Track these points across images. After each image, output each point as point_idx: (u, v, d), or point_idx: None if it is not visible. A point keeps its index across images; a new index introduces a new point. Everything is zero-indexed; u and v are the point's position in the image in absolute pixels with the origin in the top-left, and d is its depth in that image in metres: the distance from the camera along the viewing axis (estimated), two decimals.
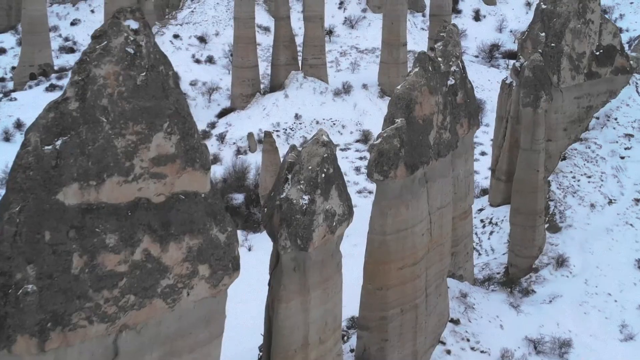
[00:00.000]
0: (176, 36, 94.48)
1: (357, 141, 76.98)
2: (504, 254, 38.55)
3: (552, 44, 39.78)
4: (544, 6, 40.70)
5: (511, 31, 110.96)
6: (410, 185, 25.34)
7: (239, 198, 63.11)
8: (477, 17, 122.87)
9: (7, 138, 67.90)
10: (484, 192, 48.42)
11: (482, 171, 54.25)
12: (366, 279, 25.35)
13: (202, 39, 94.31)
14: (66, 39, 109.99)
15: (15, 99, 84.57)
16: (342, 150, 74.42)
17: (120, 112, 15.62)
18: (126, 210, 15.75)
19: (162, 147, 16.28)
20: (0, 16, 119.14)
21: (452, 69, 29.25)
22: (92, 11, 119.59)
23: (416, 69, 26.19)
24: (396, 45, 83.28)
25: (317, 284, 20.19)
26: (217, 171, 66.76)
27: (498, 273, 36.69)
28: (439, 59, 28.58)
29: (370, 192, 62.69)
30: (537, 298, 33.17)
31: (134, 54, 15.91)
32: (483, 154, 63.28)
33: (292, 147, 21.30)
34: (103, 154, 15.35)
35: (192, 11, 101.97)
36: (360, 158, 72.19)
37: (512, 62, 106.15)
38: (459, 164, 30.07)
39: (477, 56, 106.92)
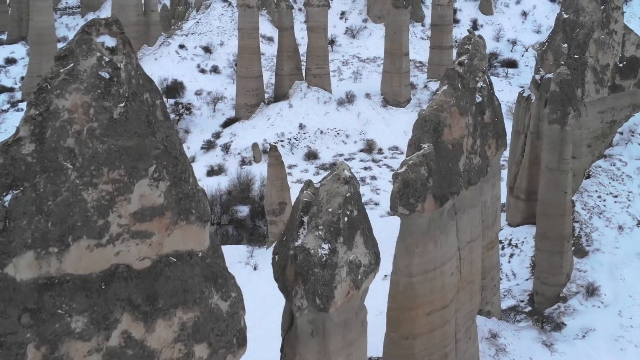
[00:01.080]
0: (182, 46, 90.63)
1: (361, 151, 73.17)
2: (527, 280, 34.16)
3: (576, 56, 35.36)
4: (565, 16, 36.27)
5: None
6: (438, 219, 21.00)
7: (244, 210, 59.09)
8: (474, 26, 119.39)
9: None
10: None
11: None
12: (390, 327, 21.00)
13: (207, 49, 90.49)
14: None
15: (22, 109, 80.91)
16: (346, 160, 70.68)
17: (91, 155, 11.33)
18: (99, 282, 11.47)
19: (147, 197, 11.96)
20: (11, 27, 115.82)
21: (479, 84, 24.88)
22: None
23: (444, 87, 21.83)
24: (399, 55, 79.83)
25: (339, 350, 15.82)
26: (222, 182, 62.92)
27: (522, 301, 32.33)
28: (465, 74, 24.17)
29: (376, 204, 58.44)
30: (569, 332, 28.81)
31: (110, 80, 11.61)
32: None
33: (308, 184, 16.93)
34: (68, 211, 11.07)
35: (197, 22, 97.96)
36: (365, 168, 68.25)
37: (511, 70, 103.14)
38: (486, 190, 25.69)
39: None
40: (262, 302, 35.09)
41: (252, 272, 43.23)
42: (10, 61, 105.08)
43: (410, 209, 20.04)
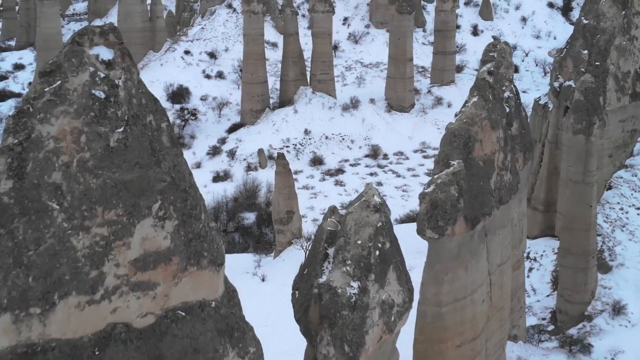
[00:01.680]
0: (187, 52, 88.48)
1: (367, 156, 70.91)
2: (547, 296, 31.76)
3: (597, 63, 32.95)
4: (585, 21, 33.88)
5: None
6: (469, 243, 18.66)
7: (250, 217, 56.74)
8: (475, 32, 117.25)
9: None
10: None
11: None
12: None
13: (212, 55, 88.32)
14: None
15: None
16: (351, 165, 68.66)
17: (83, 193, 8.97)
18: (92, 347, 9.12)
19: (151, 240, 9.61)
20: (19, 33, 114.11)
21: (506, 94, 22.49)
22: None
23: (474, 99, 19.46)
24: (403, 61, 77.75)
25: None
26: (228, 188, 60.64)
27: (544, 319, 29.94)
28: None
29: None
30: (597, 355, 26.45)
31: (106, 100, 9.25)
32: None
33: (332, 210, 14.53)
34: (53, 262, 8.72)
35: (203, 28, 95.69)
36: (371, 174, 65.89)
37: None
38: (514, 206, 23.25)
39: (477, 70, 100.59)
40: (271, 320, 32.61)
41: (260, 283, 40.78)
42: (19, 67, 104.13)
43: (440, 233, 17.72)
